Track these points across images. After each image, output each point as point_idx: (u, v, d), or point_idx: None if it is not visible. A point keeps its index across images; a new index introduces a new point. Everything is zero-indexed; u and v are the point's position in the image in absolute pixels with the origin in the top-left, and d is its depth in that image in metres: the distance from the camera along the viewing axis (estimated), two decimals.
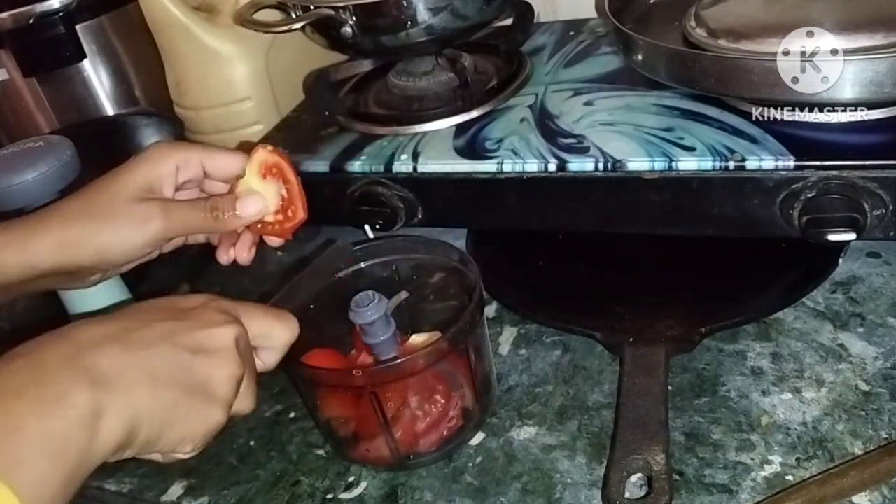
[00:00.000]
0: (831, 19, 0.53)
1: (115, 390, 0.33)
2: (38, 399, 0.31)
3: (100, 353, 0.34)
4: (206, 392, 0.37)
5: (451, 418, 0.51)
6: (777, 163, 0.52)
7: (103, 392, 0.33)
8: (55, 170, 0.51)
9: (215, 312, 0.40)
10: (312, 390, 0.52)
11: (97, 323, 0.37)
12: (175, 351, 0.37)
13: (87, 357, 0.34)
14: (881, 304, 0.55)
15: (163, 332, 0.37)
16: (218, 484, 0.54)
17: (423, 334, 0.54)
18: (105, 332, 0.36)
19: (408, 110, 0.70)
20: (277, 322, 0.44)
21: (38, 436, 0.30)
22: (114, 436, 0.33)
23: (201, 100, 0.79)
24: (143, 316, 0.38)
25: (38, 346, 0.34)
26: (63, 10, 0.85)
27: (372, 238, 0.61)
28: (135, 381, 0.35)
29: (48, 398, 0.31)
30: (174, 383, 0.36)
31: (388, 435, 0.50)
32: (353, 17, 0.65)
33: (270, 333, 0.43)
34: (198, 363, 0.37)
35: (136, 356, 0.35)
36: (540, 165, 0.58)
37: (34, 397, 0.31)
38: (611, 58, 0.71)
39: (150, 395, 0.35)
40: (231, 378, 0.38)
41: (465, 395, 0.52)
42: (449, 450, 0.51)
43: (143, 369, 0.35)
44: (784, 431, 0.48)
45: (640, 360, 0.52)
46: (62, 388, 0.32)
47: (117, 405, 0.33)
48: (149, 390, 0.35)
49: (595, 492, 0.47)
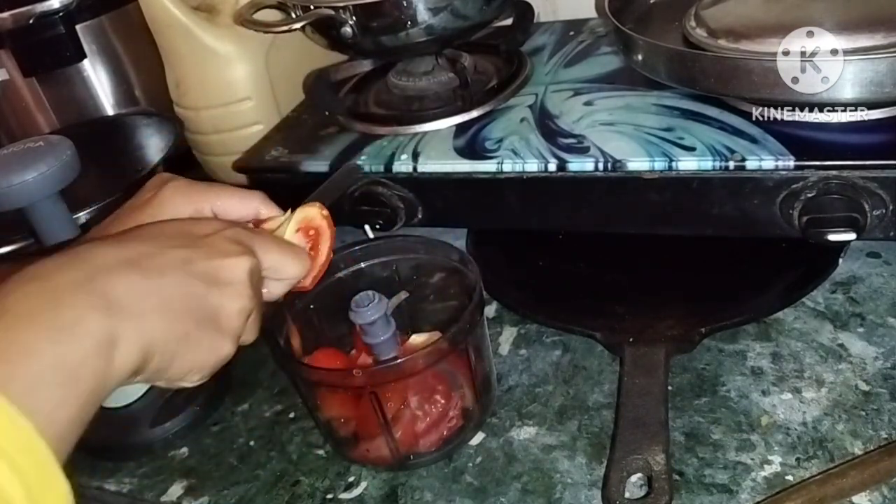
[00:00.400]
0: (831, 19, 0.53)
1: (129, 317, 0.33)
2: (52, 324, 0.31)
3: (115, 279, 0.34)
4: (217, 324, 0.37)
5: (451, 418, 0.51)
6: (777, 163, 0.52)
7: (118, 319, 0.33)
8: (55, 170, 0.51)
9: (230, 243, 0.39)
10: (312, 390, 0.52)
11: (112, 245, 0.36)
12: (189, 280, 0.36)
13: (102, 282, 0.33)
14: (881, 304, 0.55)
15: (178, 259, 0.37)
16: (218, 484, 0.54)
17: (423, 334, 0.54)
18: (120, 255, 0.35)
19: (408, 110, 0.70)
20: (290, 256, 0.43)
21: (52, 362, 0.30)
22: (128, 363, 0.33)
23: (201, 100, 0.79)
24: (159, 241, 0.37)
25: (52, 267, 0.33)
26: (63, 10, 0.85)
27: (372, 238, 0.61)
28: (150, 309, 0.34)
29: (62, 324, 0.31)
30: (187, 313, 0.36)
31: (388, 435, 0.50)
32: (353, 17, 0.65)
33: (282, 267, 0.42)
34: (211, 294, 0.37)
35: (152, 283, 0.35)
36: (540, 165, 0.58)
37: (48, 322, 0.31)
38: (611, 58, 0.71)
39: (163, 324, 0.35)
40: (242, 311, 0.38)
41: (465, 395, 0.52)
42: (449, 450, 0.51)
43: (158, 297, 0.35)
44: (784, 431, 0.48)
45: (640, 360, 0.52)
46: (77, 314, 0.32)
47: (132, 333, 0.33)
48: (163, 320, 0.35)
49: (595, 492, 0.47)
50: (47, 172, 0.51)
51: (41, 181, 0.50)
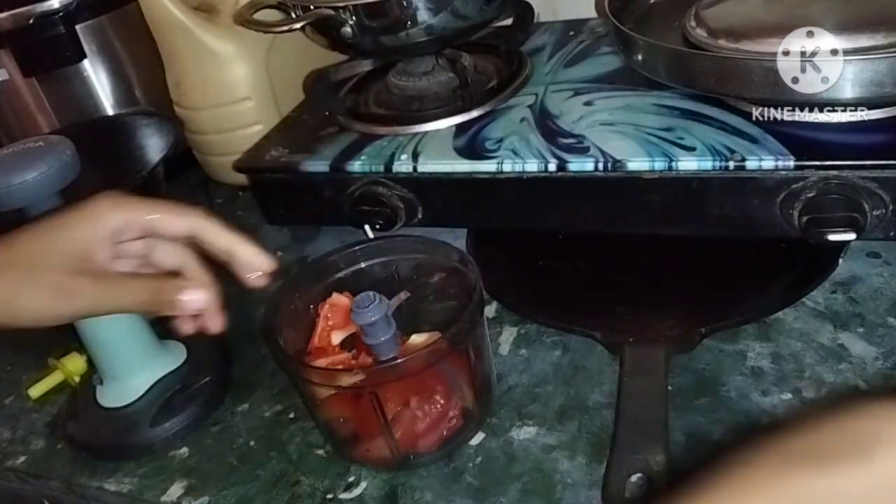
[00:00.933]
0: (831, 19, 0.53)
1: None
2: None
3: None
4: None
5: (450, 418, 0.51)
6: (777, 163, 0.52)
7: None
8: (55, 170, 0.51)
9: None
10: (312, 390, 0.52)
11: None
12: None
13: None
14: (881, 304, 0.55)
15: None
16: (218, 484, 0.54)
17: (423, 334, 0.54)
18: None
19: (408, 110, 0.70)
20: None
21: None
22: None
23: (201, 100, 0.79)
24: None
25: None
26: (63, 10, 0.85)
27: (372, 238, 0.61)
28: None
29: None
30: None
31: (388, 435, 0.50)
32: (353, 17, 0.65)
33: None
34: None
35: None
36: (540, 165, 0.58)
37: None
38: (611, 58, 0.71)
39: None
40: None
41: (464, 395, 0.52)
42: (449, 450, 0.51)
43: None
44: None
45: (640, 360, 0.52)
46: None
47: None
48: None
49: (595, 492, 0.47)
50: (47, 172, 0.51)
51: (41, 181, 0.50)
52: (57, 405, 0.64)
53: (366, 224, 0.64)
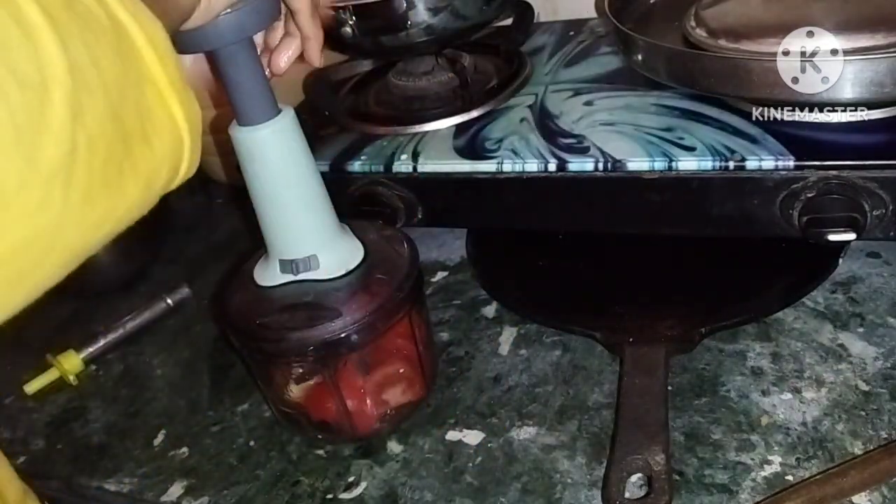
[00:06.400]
0: (831, 19, 0.53)
1: None
2: None
3: None
4: None
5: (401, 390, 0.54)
6: (777, 163, 0.52)
7: None
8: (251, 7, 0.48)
9: None
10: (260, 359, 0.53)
11: None
12: None
13: None
14: (881, 304, 0.55)
15: None
16: (218, 484, 0.54)
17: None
18: None
19: (408, 110, 0.70)
20: None
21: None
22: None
23: (201, 100, 0.79)
24: None
25: None
26: None
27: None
28: None
29: None
30: None
31: (342, 406, 0.52)
32: (353, 17, 0.65)
33: None
34: None
35: None
36: (540, 165, 0.58)
37: None
38: (611, 58, 0.71)
39: None
40: None
41: (411, 365, 0.54)
42: (400, 424, 0.54)
43: None
44: (784, 431, 0.48)
45: (640, 360, 0.52)
46: None
47: None
48: None
49: (595, 492, 0.47)
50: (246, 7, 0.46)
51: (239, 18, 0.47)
52: (56, 405, 0.64)
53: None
